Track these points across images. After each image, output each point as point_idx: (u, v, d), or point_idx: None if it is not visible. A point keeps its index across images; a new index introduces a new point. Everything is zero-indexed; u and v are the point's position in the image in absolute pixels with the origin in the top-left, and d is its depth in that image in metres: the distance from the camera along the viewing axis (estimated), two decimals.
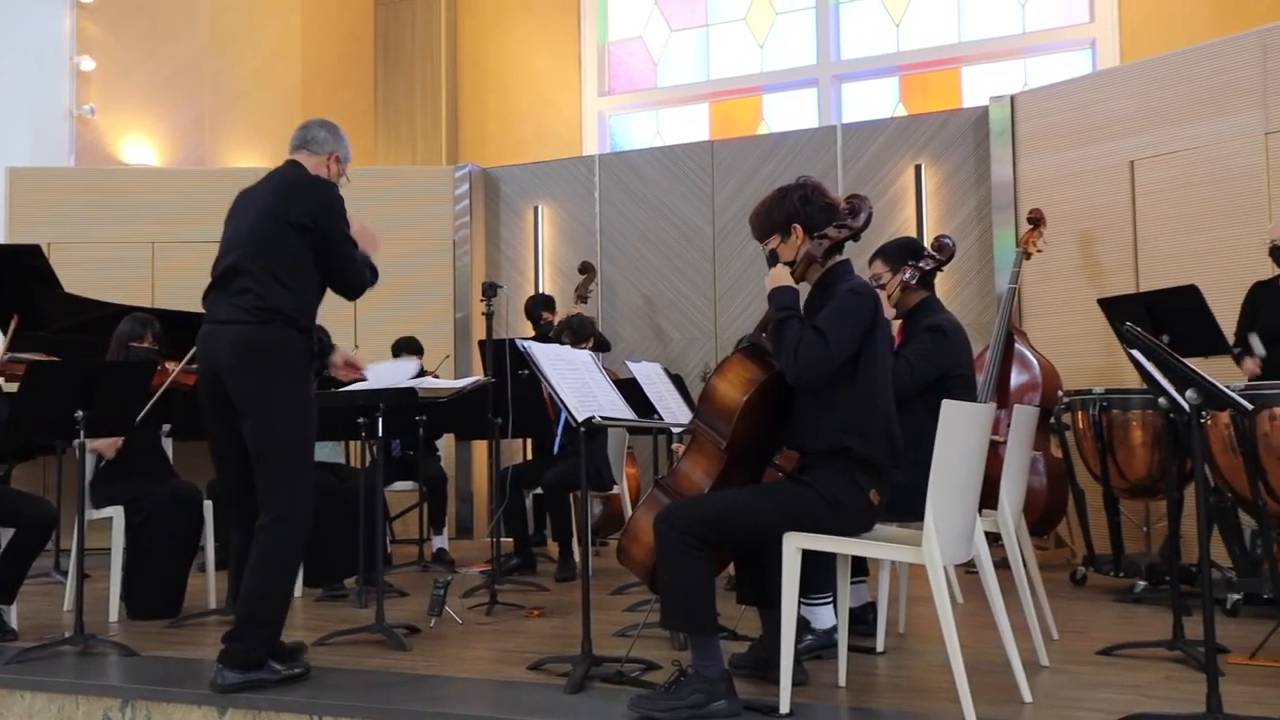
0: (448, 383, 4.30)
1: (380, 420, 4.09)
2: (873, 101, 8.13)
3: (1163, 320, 4.75)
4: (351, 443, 5.93)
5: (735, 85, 8.45)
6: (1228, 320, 4.89)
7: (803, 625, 3.59)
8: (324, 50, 8.66)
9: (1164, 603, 4.10)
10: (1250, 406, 2.78)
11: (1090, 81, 6.33)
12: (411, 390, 4.01)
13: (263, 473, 3.38)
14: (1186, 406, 2.79)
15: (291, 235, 3.41)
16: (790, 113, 8.32)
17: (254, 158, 8.18)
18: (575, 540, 5.44)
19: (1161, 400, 2.94)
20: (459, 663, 3.69)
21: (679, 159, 7.43)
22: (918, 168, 6.79)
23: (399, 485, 6.11)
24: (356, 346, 6.55)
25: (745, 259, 7.04)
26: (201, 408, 3.50)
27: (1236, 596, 4.22)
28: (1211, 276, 5.27)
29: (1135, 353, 2.91)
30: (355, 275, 3.56)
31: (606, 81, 8.70)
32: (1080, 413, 4.92)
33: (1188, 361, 2.83)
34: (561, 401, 3.38)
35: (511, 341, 4.23)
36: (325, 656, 3.74)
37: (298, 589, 4.98)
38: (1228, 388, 3.55)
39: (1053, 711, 2.99)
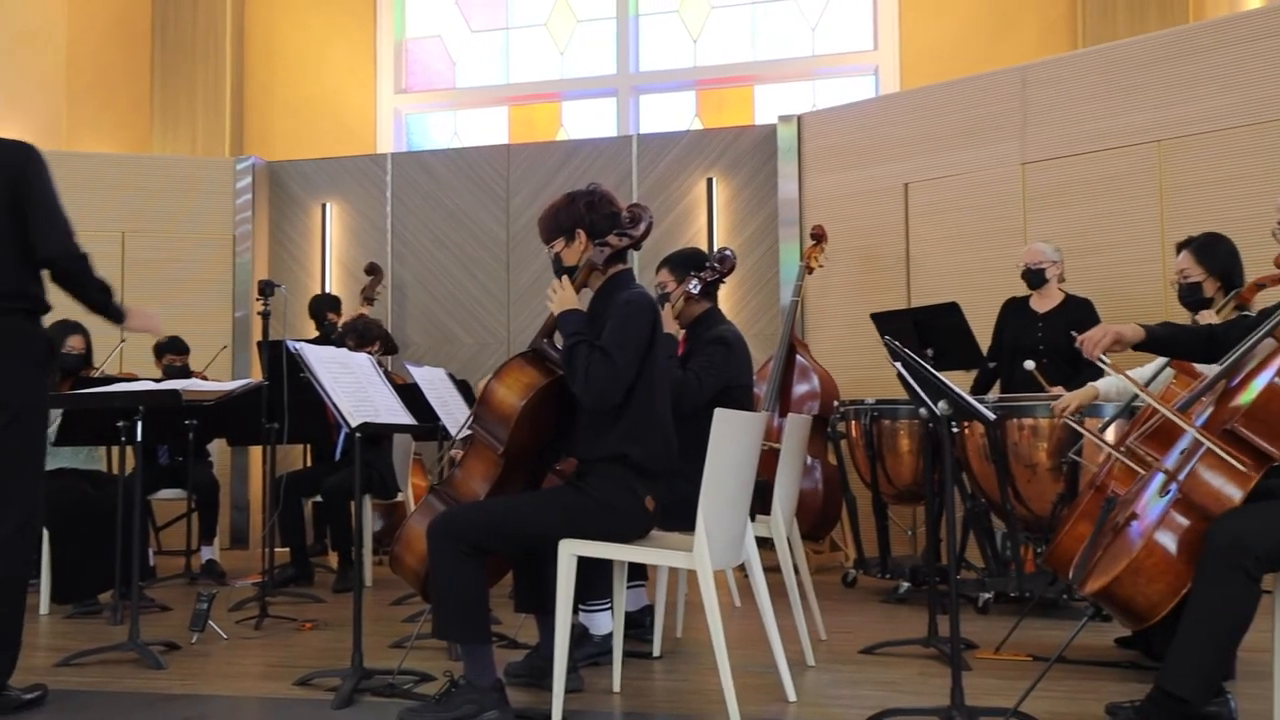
0: (215, 385, 4.08)
1: (140, 424, 3.83)
2: (671, 114, 8.27)
3: (928, 335, 5.02)
4: (113, 448, 5.55)
5: (535, 90, 8.43)
6: (987, 334, 5.23)
7: (581, 632, 3.59)
8: (92, 28, 8.08)
9: (926, 602, 4.32)
10: (993, 417, 2.97)
11: (869, 106, 6.65)
12: (175, 393, 3.78)
13: (7, 476, 3.10)
14: (939, 416, 2.94)
15: (4, 213, 3.09)
16: (589, 121, 8.37)
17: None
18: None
19: (922, 410, 3.10)
20: (220, 680, 3.50)
21: (474, 161, 7.35)
22: (709, 181, 6.95)
23: (166, 493, 5.75)
24: (123, 340, 6.13)
25: (540, 264, 7.02)
26: None
27: (987, 595, 4.50)
28: (974, 295, 5.62)
29: (898, 365, 3.05)
30: (63, 238, 3.11)
31: (403, 79, 8.50)
32: (854, 422, 5.15)
33: (950, 374, 3.00)
34: (334, 405, 3.27)
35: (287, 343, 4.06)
36: (70, 678, 3.47)
37: (43, 605, 4.63)
38: (979, 400, 3.79)
39: (814, 709, 3.11)
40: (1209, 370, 2.92)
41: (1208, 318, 3.82)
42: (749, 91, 8.20)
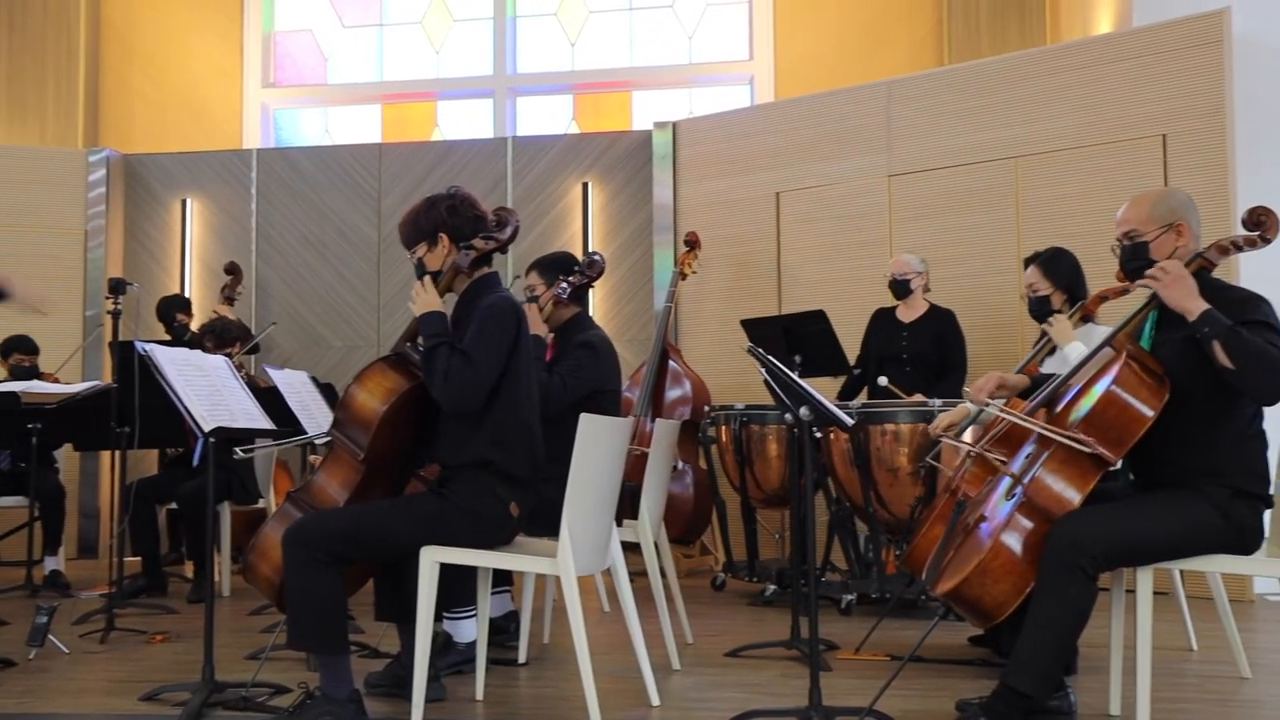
0: (59, 387, 3.88)
1: None
2: (548, 117, 8.24)
3: (796, 341, 5.10)
4: None
5: (410, 89, 8.28)
6: (854, 342, 5.35)
7: (445, 640, 3.54)
8: None
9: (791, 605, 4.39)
10: (851, 423, 3.04)
11: (743, 115, 6.74)
12: (13, 395, 3.58)
13: None
14: (801, 421, 3.00)
15: None
16: (465, 121, 8.27)
17: None
18: (216, 558, 5.08)
19: (788, 416, 3.15)
20: (60, 697, 3.34)
21: (344, 160, 7.18)
22: (585, 185, 6.94)
23: (7, 501, 5.44)
24: None
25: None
26: None
27: (850, 597, 4.60)
28: (843, 303, 5.75)
29: (763, 371, 3.10)
30: None
31: (272, 73, 8.26)
32: (724, 427, 5.20)
33: (818, 380, 3.06)
34: (185, 409, 3.14)
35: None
36: None
37: None
38: (843, 406, 3.86)
39: (677, 713, 3.12)
40: None
41: (1061, 323, 3.94)
42: (626, 97, 8.22)
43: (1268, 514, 2.83)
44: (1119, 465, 2.80)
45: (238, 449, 3.68)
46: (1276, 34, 5.20)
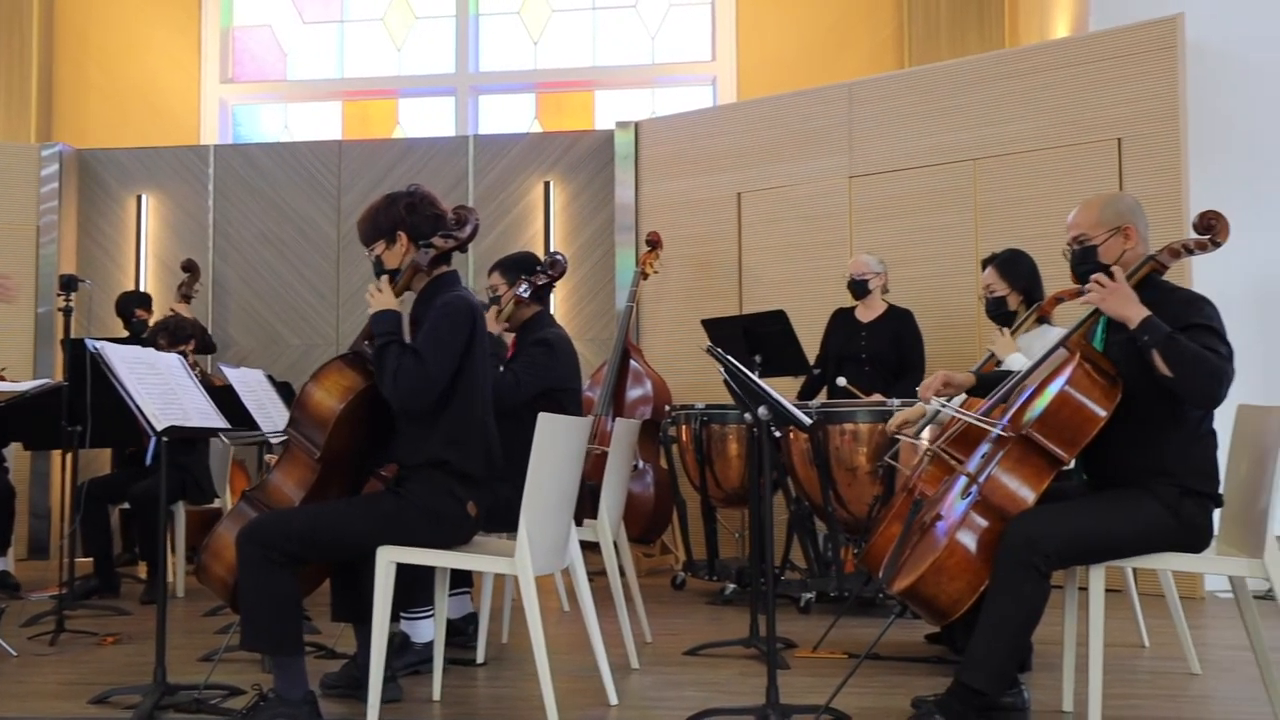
0: (7, 385, 3.82)
1: None
2: (511, 115, 8.21)
3: (757, 341, 5.13)
4: None
5: (370, 86, 8.23)
6: (816, 342, 5.37)
7: (403, 640, 3.52)
8: None
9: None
10: (809, 422, 3.05)
11: (705, 115, 6.75)
12: None
13: None
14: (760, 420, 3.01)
15: None
16: (427, 119, 8.22)
17: None
18: (171, 558, 5.02)
19: (747, 415, 3.16)
20: (7, 700, 3.28)
21: (303, 157, 7.11)
22: (547, 184, 6.92)
23: None
24: None
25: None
26: None
27: (809, 595, 4.62)
28: (804, 304, 5.78)
29: (724, 371, 3.11)
30: None
31: (230, 68, 8.16)
32: (684, 426, 5.21)
33: (778, 380, 3.07)
34: (137, 408, 3.10)
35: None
36: None
37: None
38: (803, 406, 3.88)
39: (635, 712, 3.12)
40: None
41: (1004, 342, 4.02)
42: (589, 96, 8.21)
43: (1217, 513, 2.88)
44: (1072, 464, 2.83)
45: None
46: (1228, 40, 5.28)
